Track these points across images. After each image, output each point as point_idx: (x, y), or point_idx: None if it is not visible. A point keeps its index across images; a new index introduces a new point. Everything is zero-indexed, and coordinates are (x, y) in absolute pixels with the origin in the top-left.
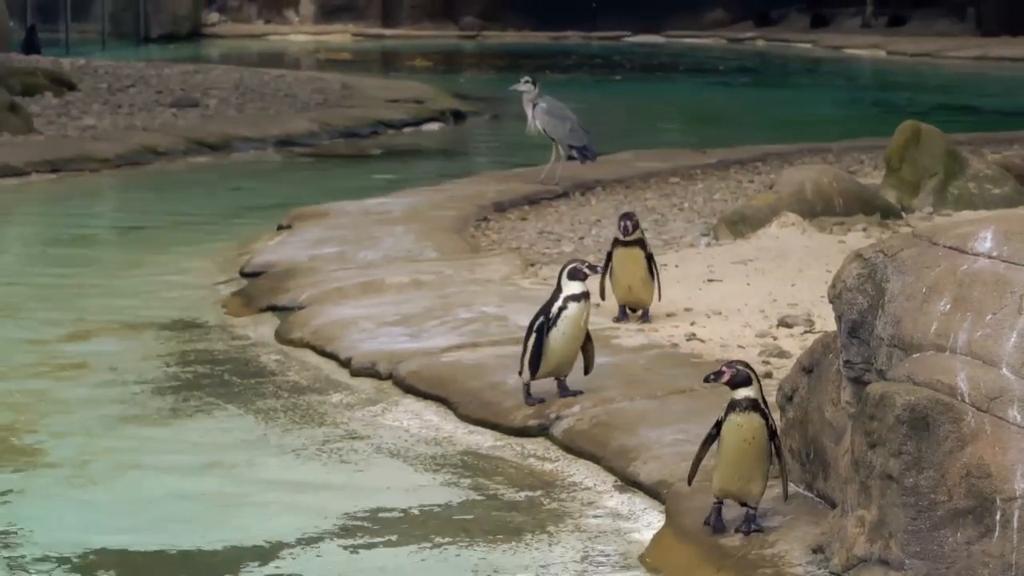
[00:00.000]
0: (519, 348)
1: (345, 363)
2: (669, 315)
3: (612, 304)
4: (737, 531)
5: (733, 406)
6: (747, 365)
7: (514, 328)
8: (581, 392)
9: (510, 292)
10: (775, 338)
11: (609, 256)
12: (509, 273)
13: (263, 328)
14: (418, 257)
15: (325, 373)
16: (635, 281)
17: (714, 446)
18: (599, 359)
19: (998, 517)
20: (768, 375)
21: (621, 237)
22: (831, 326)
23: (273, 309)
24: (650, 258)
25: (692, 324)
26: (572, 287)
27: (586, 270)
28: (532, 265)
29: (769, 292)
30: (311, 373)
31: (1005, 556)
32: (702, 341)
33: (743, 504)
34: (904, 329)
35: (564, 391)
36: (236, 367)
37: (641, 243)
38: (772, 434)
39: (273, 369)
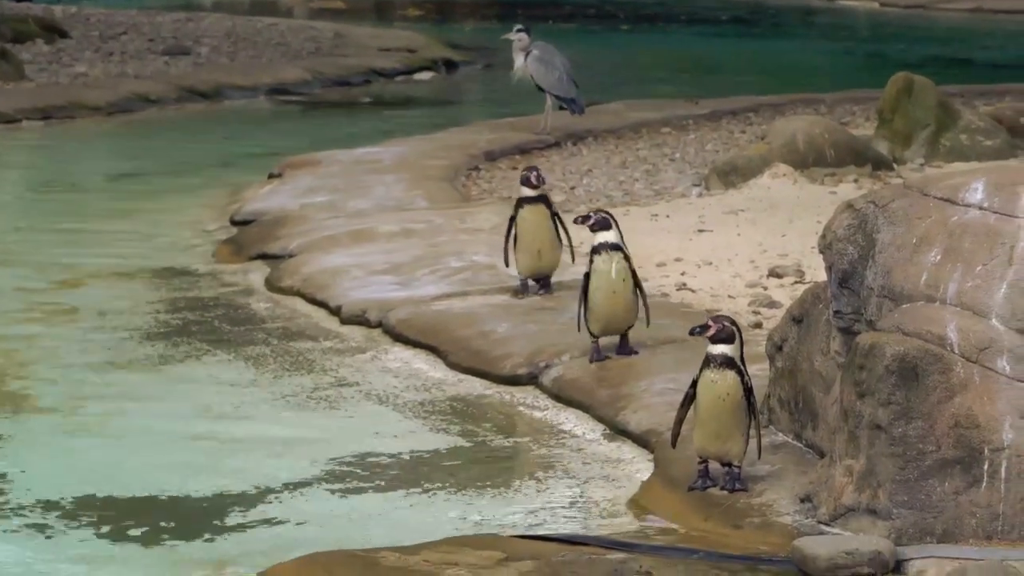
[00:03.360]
0: (509, 298)
1: (335, 311)
2: (659, 265)
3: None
4: (722, 489)
5: (708, 362)
6: (733, 321)
7: (504, 277)
8: (636, 352)
9: (500, 241)
10: (765, 288)
11: (512, 220)
12: (499, 222)
13: (253, 276)
14: (409, 206)
15: (315, 321)
16: (544, 244)
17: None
18: None
19: (986, 467)
20: (758, 325)
21: (528, 191)
22: (821, 276)
23: (263, 257)
24: (556, 217)
25: (682, 274)
26: (596, 237)
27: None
28: None
29: (760, 242)
30: (301, 321)
31: (992, 506)
32: (692, 291)
33: (726, 464)
34: (894, 279)
35: (622, 348)
36: (226, 314)
37: (546, 200)
38: (747, 391)
39: (263, 316)
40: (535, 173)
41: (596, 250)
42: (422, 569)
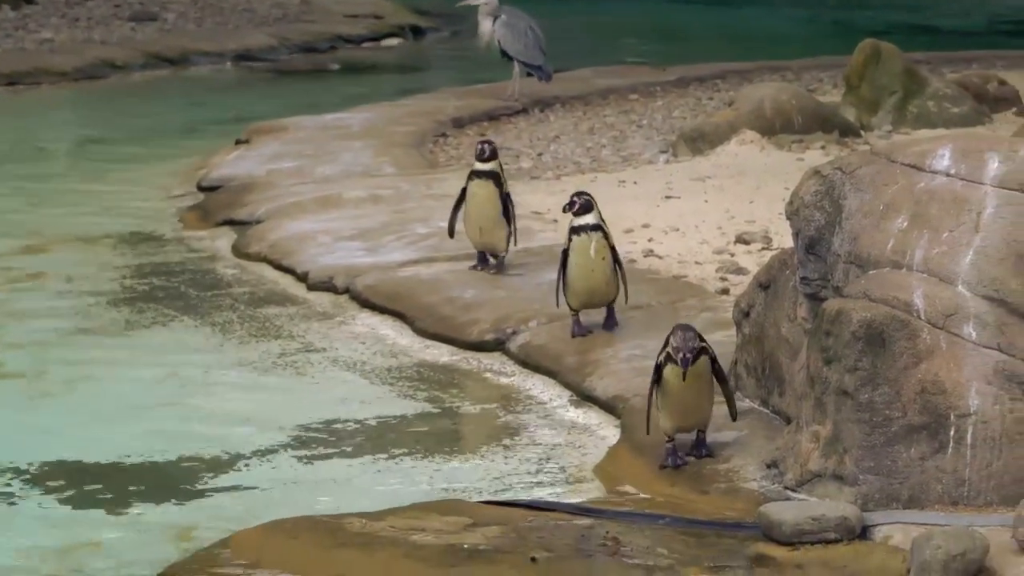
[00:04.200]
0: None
1: (302, 277)
2: (627, 231)
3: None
4: (688, 455)
5: (674, 360)
6: (697, 335)
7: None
8: (617, 324)
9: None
10: (732, 254)
11: (463, 190)
12: None
13: (220, 242)
14: (376, 172)
15: (282, 287)
16: (486, 222)
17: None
18: (556, 274)
19: (952, 433)
20: (725, 291)
21: (479, 165)
22: (788, 243)
23: (230, 223)
24: (506, 198)
25: (650, 240)
26: (576, 220)
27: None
28: None
29: (727, 209)
30: (268, 287)
31: (958, 472)
32: (659, 257)
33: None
34: (861, 246)
35: (608, 322)
36: (193, 280)
37: (496, 177)
38: (713, 361)
39: (230, 282)
40: (482, 145)
41: (576, 231)
42: (388, 535)
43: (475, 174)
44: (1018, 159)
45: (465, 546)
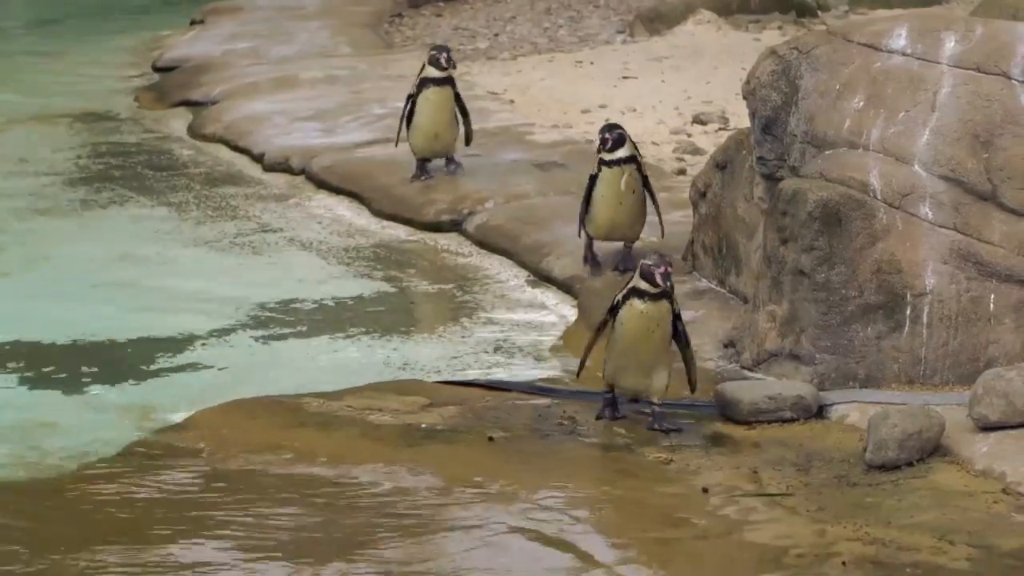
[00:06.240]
0: None
1: (258, 158)
2: (584, 111)
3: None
4: (650, 429)
5: (639, 294)
6: (668, 265)
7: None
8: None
9: None
10: (689, 135)
11: (412, 100)
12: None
13: (176, 122)
14: (332, 53)
15: (238, 168)
16: (442, 127)
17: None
18: (513, 155)
19: (908, 312)
20: (682, 172)
21: (436, 72)
22: (745, 123)
23: (186, 104)
24: (458, 97)
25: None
26: (607, 155)
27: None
28: None
29: (684, 89)
30: (224, 167)
31: (914, 351)
32: None
33: (641, 400)
34: (817, 126)
35: (625, 261)
36: (149, 160)
37: (451, 81)
38: (676, 318)
39: (186, 163)
40: (445, 55)
41: (608, 164)
42: (346, 414)
43: (431, 81)
44: (974, 39)
45: (423, 426)
